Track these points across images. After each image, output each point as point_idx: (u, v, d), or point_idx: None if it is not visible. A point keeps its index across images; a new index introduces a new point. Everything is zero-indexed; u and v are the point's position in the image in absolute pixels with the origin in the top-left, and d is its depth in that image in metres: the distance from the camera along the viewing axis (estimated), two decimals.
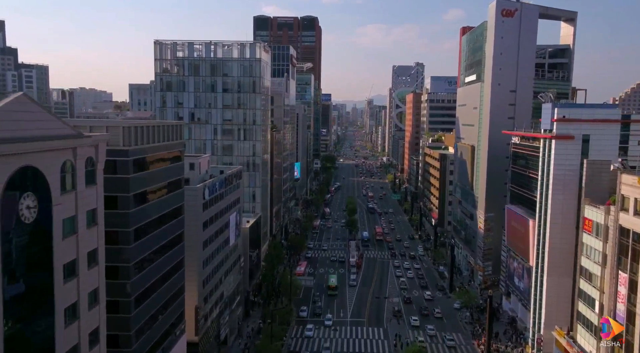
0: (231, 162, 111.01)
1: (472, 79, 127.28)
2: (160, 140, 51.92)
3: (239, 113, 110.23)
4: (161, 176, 51.65)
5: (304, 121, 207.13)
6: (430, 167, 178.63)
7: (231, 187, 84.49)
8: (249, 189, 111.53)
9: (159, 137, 51.28)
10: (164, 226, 52.93)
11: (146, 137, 48.16)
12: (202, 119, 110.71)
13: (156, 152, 50.64)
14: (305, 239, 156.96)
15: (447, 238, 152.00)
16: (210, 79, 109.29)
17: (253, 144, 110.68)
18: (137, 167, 46.21)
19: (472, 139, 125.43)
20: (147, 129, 48.43)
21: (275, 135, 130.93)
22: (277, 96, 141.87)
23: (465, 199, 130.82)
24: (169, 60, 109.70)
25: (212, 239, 73.54)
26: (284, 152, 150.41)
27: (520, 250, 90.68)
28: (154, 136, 49.91)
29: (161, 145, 51.67)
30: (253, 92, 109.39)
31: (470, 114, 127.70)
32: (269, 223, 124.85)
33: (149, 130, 48.79)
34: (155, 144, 50.34)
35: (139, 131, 46.65)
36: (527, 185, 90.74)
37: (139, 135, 46.66)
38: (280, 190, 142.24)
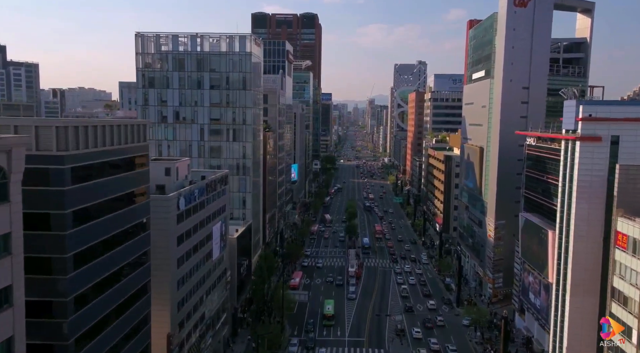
0: (219, 165, 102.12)
1: (481, 76, 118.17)
2: (114, 143, 42.96)
3: (227, 112, 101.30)
4: (114, 187, 42.62)
5: (302, 121, 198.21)
6: (434, 169, 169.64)
7: (215, 194, 75.54)
8: (239, 194, 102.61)
9: (111, 139, 42.31)
10: (119, 247, 43.99)
11: (92, 139, 39.14)
12: (187, 118, 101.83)
13: (106, 157, 41.60)
14: (302, 246, 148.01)
15: (452, 246, 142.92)
16: (197, 74, 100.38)
17: (243, 145, 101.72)
18: (77, 176, 37.24)
19: (480, 140, 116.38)
20: (94, 130, 39.39)
21: (269, 136, 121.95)
22: (272, 94, 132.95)
23: (473, 205, 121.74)
24: (151, 55, 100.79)
25: (189, 254, 64.61)
26: (280, 154, 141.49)
27: (536, 263, 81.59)
28: (103, 138, 40.89)
29: (113, 150, 42.54)
30: (243, 88, 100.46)
31: (479, 113, 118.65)
32: (262, 230, 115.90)
33: (96, 131, 39.74)
34: (105, 148, 41.28)
35: (81, 132, 37.65)
36: (544, 192, 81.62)
37: (81, 137, 37.66)
38: (274, 194, 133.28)
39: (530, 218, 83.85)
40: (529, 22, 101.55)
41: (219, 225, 78.30)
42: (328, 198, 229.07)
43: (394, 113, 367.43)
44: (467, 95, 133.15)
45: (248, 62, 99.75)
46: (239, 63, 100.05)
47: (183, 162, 70.32)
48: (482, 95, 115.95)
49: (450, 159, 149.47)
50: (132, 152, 46.35)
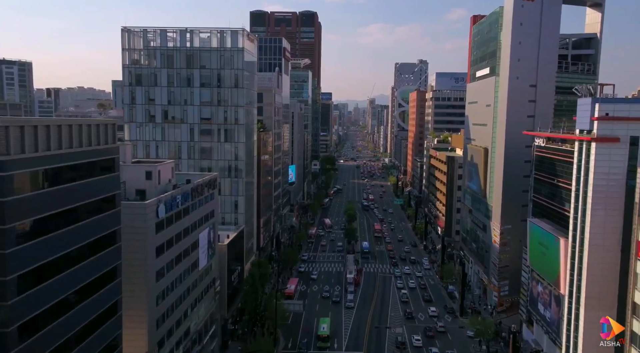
0: (210, 167, 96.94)
1: (485, 73, 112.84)
2: (74, 145, 37.67)
3: (219, 111, 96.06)
4: (72, 195, 37.24)
5: (300, 120, 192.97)
6: (435, 170, 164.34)
7: (202, 198, 70.31)
8: (230, 198, 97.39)
9: (69, 141, 36.99)
10: (80, 264, 38.75)
11: (43, 141, 33.81)
12: (176, 117, 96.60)
13: (62, 162, 36.20)
14: (299, 250, 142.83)
15: (455, 250, 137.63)
16: (186, 71, 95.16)
17: (235, 146, 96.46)
18: (21, 185, 31.97)
19: (484, 141, 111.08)
20: (45, 130, 34.05)
21: (264, 136, 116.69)
22: (267, 92, 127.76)
23: (477, 208, 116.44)
24: (138, 50, 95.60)
25: (171, 266, 59.38)
26: (276, 154, 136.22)
27: (547, 273, 76.31)
28: (58, 140, 35.57)
29: (71, 153, 37.10)
30: (235, 86, 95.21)
31: (483, 113, 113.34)
32: (256, 235, 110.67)
33: (49, 131, 34.38)
34: (61, 151, 35.94)
35: (28, 133, 32.36)
36: (555, 197, 76.32)
37: (28, 139, 32.36)
38: (270, 197, 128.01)
39: (540, 224, 78.53)
40: (537, 16, 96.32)
41: (207, 232, 73.07)
42: (327, 200, 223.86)
43: (395, 113, 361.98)
44: (471, 94, 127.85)
45: (240, 58, 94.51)
46: (230, 59, 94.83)
47: (166, 165, 65.10)
48: (486, 94, 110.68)
49: (453, 160, 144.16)
50: (96, 156, 41.04)
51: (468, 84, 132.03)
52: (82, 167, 39.22)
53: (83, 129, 38.60)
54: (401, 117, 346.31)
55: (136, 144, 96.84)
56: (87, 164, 41.66)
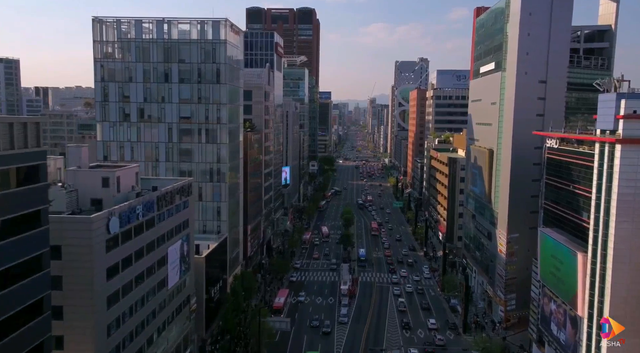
0: (190, 170, 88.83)
1: (490, 68, 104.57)
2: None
3: (199, 109, 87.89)
4: None
5: (295, 120, 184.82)
6: (436, 172, 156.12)
7: (172, 207, 62.19)
8: (212, 204, 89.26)
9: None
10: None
11: None
12: (153, 116, 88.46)
13: None
14: (292, 257, 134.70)
15: (457, 257, 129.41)
16: (164, 66, 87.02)
17: (217, 147, 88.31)
18: None
19: (489, 141, 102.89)
20: None
21: (252, 136, 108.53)
22: (257, 90, 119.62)
23: (481, 213, 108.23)
24: (111, 43, 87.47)
25: (129, 288, 51.29)
26: (267, 156, 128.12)
27: (561, 290, 68.16)
28: None
29: None
30: (217, 82, 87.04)
31: (488, 111, 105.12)
32: (243, 243, 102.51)
33: None
34: None
35: None
36: (570, 204, 68.12)
37: None
38: (260, 201, 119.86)
39: (553, 235, 70.33)
40: (547, 5, 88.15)
41: (179, 245, 64.97)
42: (324, 203, 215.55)
43: (395, 112, 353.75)
44: (474, 91, 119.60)
45: (223, 51, 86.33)
46: (212, 53, 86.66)
47: (128, 170, 56.98)
48: (491, 91, 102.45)
49: (455, 162, 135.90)
50: (12, 162, 32.95)
51: (471, 81, 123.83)
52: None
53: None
54: (401, 116, 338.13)
55: (109, 145, 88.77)
56: (10, 172, 33.64)
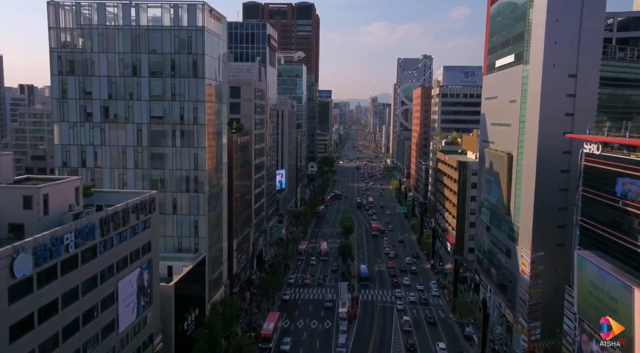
0: (164, 178, 76.41)
1: (509, 61, 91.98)
2: None
3: (173, 107, 75.43)
4: None
5: (291, 119, 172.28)
6: (444, 176, 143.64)
7: (125, 231, 49.74)
8: (189, 218, 76.78)
9: None
10: None
11: None
12: (120, 115, 75.99)
13: None
14: (285, 271, 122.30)
15: (468, 272, 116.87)
16: (131, 57, 74.56)
17: (195, 151, 75.81)
18: None
19: (507, 144, 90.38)
20: None
21: (238, 138, 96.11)
22: (246, 86, 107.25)
23: (497, 225, 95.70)
24: (70, 30, 74.99)
25: (50, 345, 38.75)
26: (258, 159, 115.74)
27: (606, 328, 55.57)
28: None
29: None
30: (194, 76, 74.57)
31: (505, 110, 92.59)
32: (227, 261, 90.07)
33: None
34: None
35: None
36: (618, 224, 55.60)
37: None
38: (249, 210, 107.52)
39: (594, 261, 57.77)
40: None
41: (136, 276, 52.57)
42: (322, 207, 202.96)
43: (397, 111, 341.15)
44: (488, 88, 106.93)
45: (200, 40, 73.85)
46: (188, 41, 74.19)
47: (62, 185, 44.56)
48: (510, 87, 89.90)
49: (466, 167, 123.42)
50: None
51: (484, 76, 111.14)
52: None
53: None
54: (404, 115, 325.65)
55: (68, 150, 76.33)
56: None
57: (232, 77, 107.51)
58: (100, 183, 76.15)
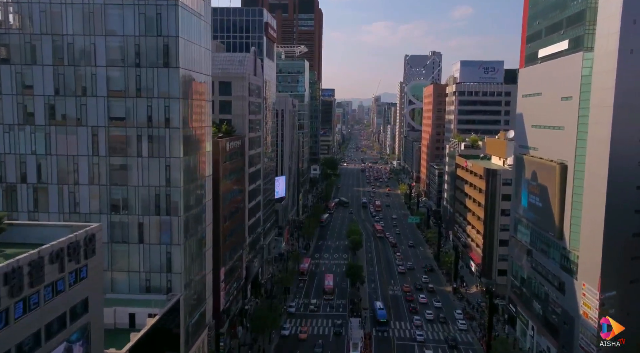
0: (126, 198, 59.11)
1: (560, 49, 74.72)
2: None
3: (139, 105, 58.14)
4: None
5: (292, 119, 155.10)
6: (465, 184, 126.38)
7: (38, 292, 32.50)
8: (159, 249, 59.48)
9: None
10: None
11: None
12: (70, 116, 58.69)
13: None
14: (285, 295, 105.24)
15: (499, 299, 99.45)
16: (84, 40, 57.34)
17: (167, 163, 58.55)
18: None
19: (558, 151, 73.19)
20: None
21: (226, 144, 78.89)
22: (237, 81, 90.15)
23: (543, 250, 78.46)
24: (3, 4, 57.73)
25: None
26: (253, 167, 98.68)
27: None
28: None
29: None
30: (165, 65, 57.33)
31: (554, 109, 75.35)
32: (213, 296, 72.74)
33: None
34: None
35: None
36: None
37: None
38: (241, 229, 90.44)
39: None
40: None
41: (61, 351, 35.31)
42: (327, 215, 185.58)
43: (404, 111, 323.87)
44: (528, 83, 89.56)
45: (173, 18, 56.60)
46: (157, 20, 56.97)
47: None
48: (562, 81, 72.64)
49: (495, 175, 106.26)
50: None
51: (521, 69, 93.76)
52: None
53: None
54: (411, 115, 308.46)
55: (3, 160, 59.08)
56: None
57: (221, 69, 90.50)
58: (45, 204, 59.13)
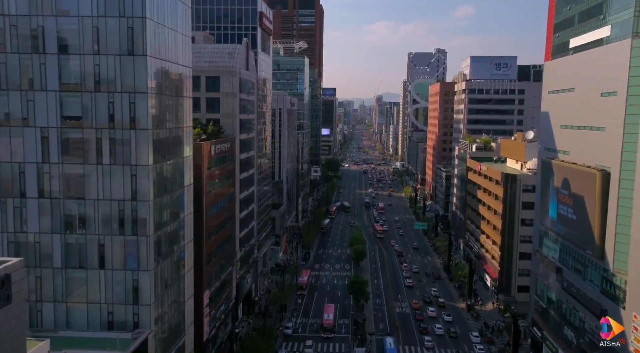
0: (84, 214, 48.68)
1: (600, 37, 64.19)
2: None
3: (98, 102, 47.79)
4: None
5: (290, 119, 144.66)
6: (478, 189, 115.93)
7: None
8: (124, 276, 49.08)
9: None
10: None
11: None
12: (14, 115, 48.30)
13: None
14: (282, 313, 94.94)
15: (522, 322, 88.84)
16: (30, 22, 46.97)
17: (133, 172, 48.13)
18: None
19: (600, 156, 62.72)
20: None
21: (211, 148, 68.44)
22: (227, 76, 79.85)
23: (578, 270, 67.95)
24: None
25: None
26: (245, 173, 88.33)
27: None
28: None
29: None
30: (130, 53, 46.94)
31: (593, 107, 64.87)
32: (194, 325, 62.21)
33: None
34: None
35: None
36: None
37: None
38: (230, 244, 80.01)
39: None
40: None
41: None
42: (327, 221, 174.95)
43: (408, 110, 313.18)
44: (556, 77, 78.95)
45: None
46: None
47: None
48: (602, 73, 62.18)
49: (515, 181, 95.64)
50: None
51: (548, 62, 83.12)
52: None
53: None
54: (415, 114, 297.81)
55: None
56: None
57: (208, 62, 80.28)
58: None
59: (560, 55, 76.44)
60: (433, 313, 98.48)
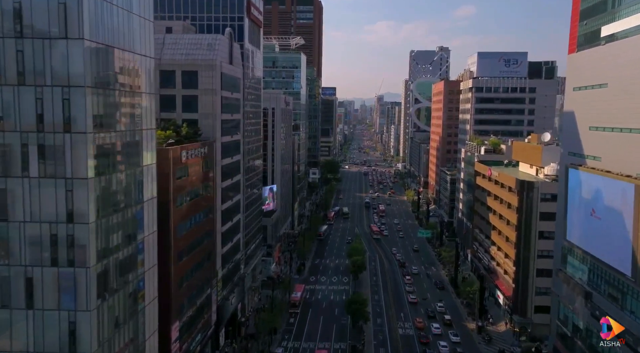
0: (7, 238, 38.62)
1: (636, 24, 54.14)
2: None
3: (23, 97, 37.97)
4: None
5: (285, 119, 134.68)
6: (488, 196, 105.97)
7: None
8: (58, 318, 39.06)
9: None
10: None
11: None
12: None
13: None
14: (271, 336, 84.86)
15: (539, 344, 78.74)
16: None
17: (68, 187, 38.21)
18: None
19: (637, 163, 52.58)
20: None
21: (183, 153, 58.36)
22: (206, 70, 70.00)
23: (613, 297, 57.95)
24: None
25: None
26: (229, 180, 78.34)
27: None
28: None
29: None
30: (63, 35, 37.05)
31: (631, 105, 54.79)
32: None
33: None
34: None
35: None
36: None
37: None
38: (209, 262, 69.96)
39: None
40: None
41: None
42: (325, 227, 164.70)
43: (410, 110, 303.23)
44: (583, 71, 68.88)
45: None
46: None
47: None
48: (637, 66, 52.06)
49: (532, 189, 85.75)
50: None
51: (571, 55, 72.96)
52: None
53: None
54: (417, 114, 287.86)
55: None
56: None
57: (185, 55, 70.40)
58: None
59: (589, 46, 66.40)
60: (438, 330, 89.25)
